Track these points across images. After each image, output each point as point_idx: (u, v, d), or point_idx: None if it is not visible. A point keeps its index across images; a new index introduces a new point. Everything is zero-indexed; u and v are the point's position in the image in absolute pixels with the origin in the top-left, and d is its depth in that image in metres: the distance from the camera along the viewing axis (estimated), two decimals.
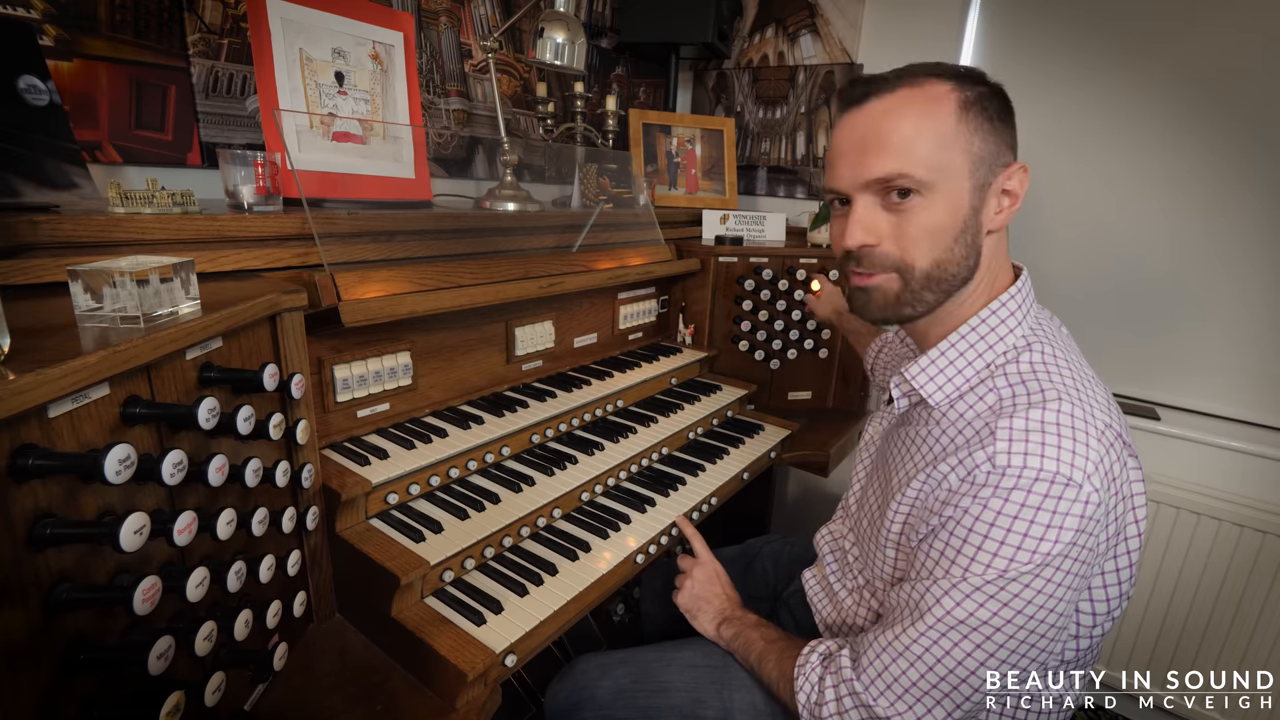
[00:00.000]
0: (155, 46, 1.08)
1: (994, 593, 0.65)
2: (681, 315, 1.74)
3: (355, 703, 0.82)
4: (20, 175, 0.77)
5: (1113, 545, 0.73)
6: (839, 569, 0.99)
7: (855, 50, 1.92)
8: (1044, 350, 0.73)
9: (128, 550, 0.54)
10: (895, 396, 0.85)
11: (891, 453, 0.85)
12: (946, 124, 0.70)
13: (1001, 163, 0.72)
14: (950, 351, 0.77)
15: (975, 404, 0.73)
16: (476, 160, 1.67)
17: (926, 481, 0.73)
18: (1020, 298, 0.77)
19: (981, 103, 0.71)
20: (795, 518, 2.28)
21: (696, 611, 1.05)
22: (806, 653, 0.84)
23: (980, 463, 0.67)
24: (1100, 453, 0.65)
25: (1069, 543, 0.63)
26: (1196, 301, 1.59)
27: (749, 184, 2.20)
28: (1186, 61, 1.51)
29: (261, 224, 0.94)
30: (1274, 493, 1.51)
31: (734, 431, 1.51)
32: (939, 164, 0.70)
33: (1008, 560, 0.64)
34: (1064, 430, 0.65)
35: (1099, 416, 0.67)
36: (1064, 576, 0.65)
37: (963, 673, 0.68)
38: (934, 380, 0.77)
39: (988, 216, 0.73)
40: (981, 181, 0.71)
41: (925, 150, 0.69)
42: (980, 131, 0.70)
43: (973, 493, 0.67)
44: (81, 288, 0.62)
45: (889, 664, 0.72)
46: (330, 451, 1.00)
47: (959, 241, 0.72)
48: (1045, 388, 0.69)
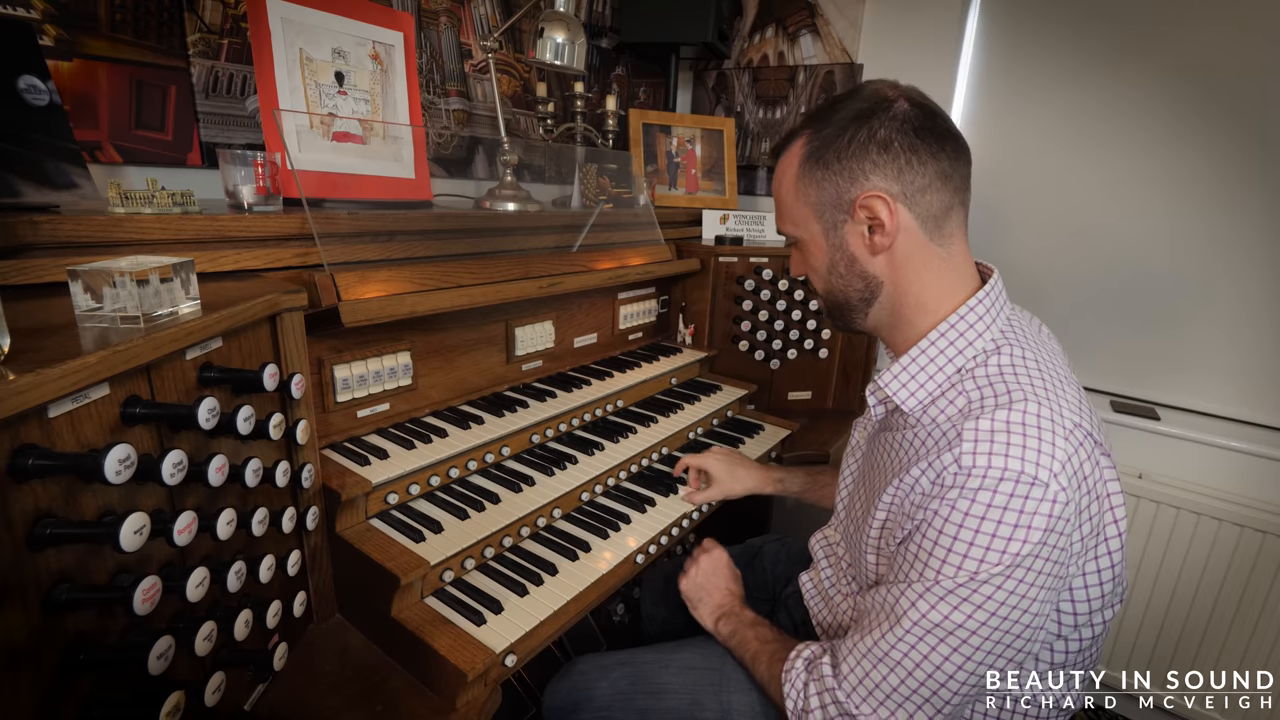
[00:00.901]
0: (155, 46, 1.08)
1: (967, 595, 0.66)
2: (681, 315, 1.74)
3: (355, 703, 0.82)
4: (20, 175, 0.77)
5: (1092, 545, 0.73)
6: (833, 573, 0.99)
7: (855, 50, 1.92)
8: (1013, 352, 0.74)
9: (128, 550, 0.54)
10: (871, 404, 0.86)
11: (875, 458, 0.86)
12: (791, 184, 0.81)
13: (849, 197, 0.76)
14: (921, 358, 0.78)
15: (946, 408, 0.74)
16: (476, 160, 1.67)
17: (900, 486, 0.74)
18: (989, 302, 0.77)
19: (820, 151, 0.77)
20: (795, 518, 2.27)
21: (697, 601, 1.05)
22: (792, 658, 0.84)
23: (948, 465, 0.67)
24: (1068, 451, 0.65)
25: (1038, 542, 0.64)
26: (1196, 301, 1.59)
27: (749, 184, 2.20)
28: (1186, 62, 1.51)
29: (261, 224, 0.94)
30: (1274, 493, 1.51)
31: (734, 431, 1.51)
32: (796, 218, 0.82)
33: (978, 561, 0.64)
34: (1029, 430, 0.65)
35: (1068, 416, 0.68)
36: (1035, 576, 0.65)
37: (941, 677, 0.68)
38: (906, 387, 0.78)
39: (858, 246, 0.79)
40: (832, 221, 0.79)
41: (787, 209, 0.83)
42: (815, 182, 0.78)
43: (941, 494, 0.67)
44: (81, 288, 0.62)
45: (869, 670, 0.73)
46: (330, 451, 1.00)
47: (833, 273, 0.82)
48: (1012, 389, 0.69)
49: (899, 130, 0.74)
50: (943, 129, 0.75)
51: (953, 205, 0.76)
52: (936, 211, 0.76)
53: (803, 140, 0.79)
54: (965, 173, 0.77)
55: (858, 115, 0.75)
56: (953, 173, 0.75)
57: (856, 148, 0.75)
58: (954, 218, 0.77)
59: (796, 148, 0.80)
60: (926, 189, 0.75)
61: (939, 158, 0.74)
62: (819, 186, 0.78)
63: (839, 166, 0.76)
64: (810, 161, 0.78)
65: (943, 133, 0.75)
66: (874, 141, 0.74)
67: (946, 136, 0.75)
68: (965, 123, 1.83)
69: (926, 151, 0.74)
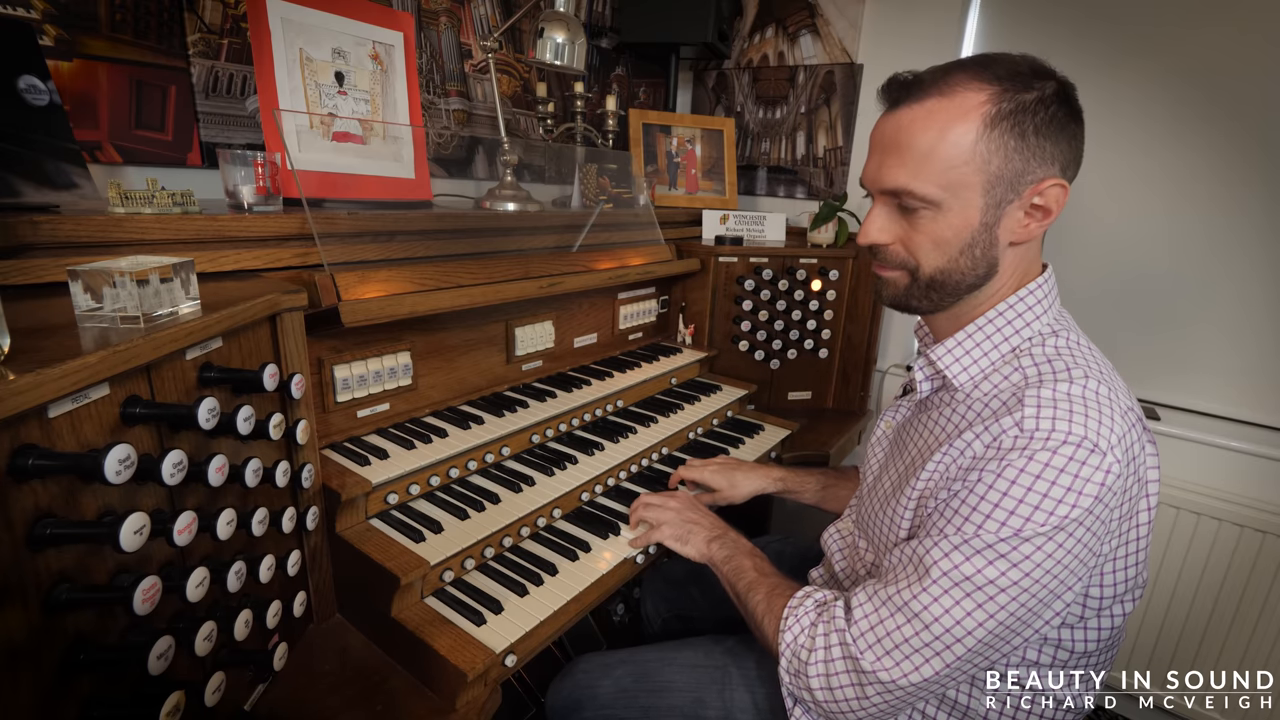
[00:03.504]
0: (155, 46, 1.08)
1: (1006, 551, 0.65)
2: (681, 315, 1.74)
3: (355, 703, 0.82)
4: (20, 175, 0.77)
5: (1123, 528, 0.73)
6: (847, 564, 0.98)
7: (855, 50, 1.92)
8: (1069, 337, 0.76)
9: (128, 550, 0.54)
10: (919, 380, 0.85)
11: (910, 439, 0.85)
12: (964, 142, 0.68)
13: (1030, 179, 0.69)
14: (978, 334, 0.78)
15: (1000, 383, 0.74)
16: (476, 160, 1.67)
17: (948, 453, 0.73)
18: (1047, 288, 0.79)
19: (1017, 116, 0.67)
20: (795, 518, 2.27)
21: (687, 535, 1.01)
22: (801, 596, 0.84)
23: (1007, 428, 0.68)
24: (1124, 429, 0.67)
25: (1086, 509, 0.64)
26: (1196, 301, 1.59)
27: (749, 184, 2.20)
28: (1186, 63, 1.51)
29: (261, 224, 0.94)
30: (1274, 493, 1.51)
31: (734, 431, 1.51)
32: (950, 182, 0.69)
33: (1024, 519, 0.64)
34: (1090, 403, 0.66)
35: (1122, 399, 0.69)
36: (1075, 545, 0.65)
37: (959, 632, 0.68)
38: (959, 361, 0.79)
39: (1006, 231, 0.72)
40: (999, 199, 0.70)
41: (938, 169, 0.69)
42: (1004, 149, 0.68)
43: (999, 456, 0.67)
44: (81, 288, 0.62)
45: (885, 618, 0.72)
46: (330, 451, 1.00)
47: (965, 254, 0.73)
48: (1071, 366, 0.70)
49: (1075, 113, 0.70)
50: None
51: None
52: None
53: (988, 94, 0.67)
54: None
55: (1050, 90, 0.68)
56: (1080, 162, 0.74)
57: (1056, 126, 0.68)
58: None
59: (974, 99, 0.68)
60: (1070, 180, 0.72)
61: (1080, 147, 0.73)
62: (1007, 157, 0.68)
63: (1036, 142, 0.68)
64: (1005, 124, 0.67)
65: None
66: (1072, 121, 0.69)
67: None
68: None
69: (1081, 136, 0.72)
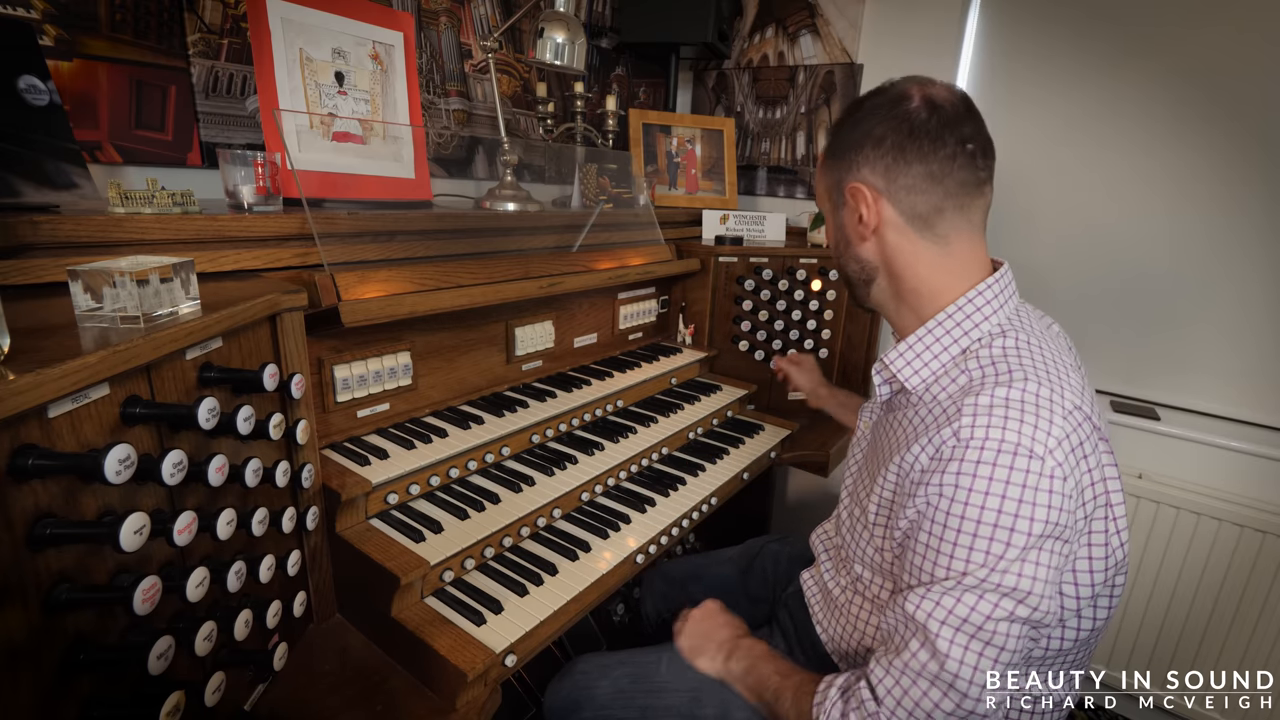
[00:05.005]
0: (155, 46, 1.08)
1: (996, 583, 0.66)
2: (681, 315, 1.74)
3: (355, 703, 0.82)
4: (20, 175, 0.77)
5: (1084, 530, 0.73)
6: (833, 566, 0.99)
7: (855, 50, 1.92)
8: (1018, 337, 0.76)
9: (128, 550, 0.54)
10: (877, 384, 0.88)
11: (879, 441, 0.87)
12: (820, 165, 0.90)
13: (841, 187, 0.83)
14: (926, 337, 0.80)
15: (948, 386, 0.75)
16: (476, 160, 1.67)
17: (901, 464, 0.75)
18: (996, 289, 0.79)
19: (830, 139, 0.86)
20: (795, 518, 2.27)
21: (699, 649, 0.98)
22: (824, 688, 0.80)
23: (946, 439, 0.69)
24: (1066, 430, 0.67)
25: (1045, 520, 0.65)
26: (1196, 302, 1.59)
27: (749, 184, 2.20)
28: (1187, 63, 1.51)
29: (261, 224, 0.94)
30: (1274, 493, 1.51)
31: (734, 431, 1.51)
32: (819, 196, 0.92)
33: (1003, 547, 0.65)
34: (1028, 406, 0.67)
35: (1068, 398, 0.69)
36: (1050, 557, 0.66)
37: (981, 679, 0.67)
38: (910, 365, 0.81)
39: (850, 231, 0.85)
40: (834, 205, 0.87)
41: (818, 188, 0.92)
42: (826, 167, 0.86)
43: (940, 468, 0.68)
44: (81, 288, 0.62)
45: (908, 687, 0.71)
46: (330, 451, 1.00)
47: (837, 251, 0.89)
48: (1014, 369, 0.71)
49: (894, 129, 0.77)
50: (948, 133, 0.75)
51: (943, 207, 0.77)
52: (923, 211, 0.77)
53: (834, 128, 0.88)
54: (965, 177, 0.76)
55: (870, 110, 0.80)
56: (944, 176, 0.76)
57: (855, 140, 0.80)
58: (948, 218, 0.78)
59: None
60: (912, 189, 0.77)
61: (928, 160, 0.76)
62: (827, 171, 0.86)
63: (840, 155, 0.83)
64: (827, 148, 0.87)
65: (945, 136, 0.75)
66: (870, 137, 0.79)
67: (949, 140, 0.75)
68: None
69: (915, 153, 0.76)
